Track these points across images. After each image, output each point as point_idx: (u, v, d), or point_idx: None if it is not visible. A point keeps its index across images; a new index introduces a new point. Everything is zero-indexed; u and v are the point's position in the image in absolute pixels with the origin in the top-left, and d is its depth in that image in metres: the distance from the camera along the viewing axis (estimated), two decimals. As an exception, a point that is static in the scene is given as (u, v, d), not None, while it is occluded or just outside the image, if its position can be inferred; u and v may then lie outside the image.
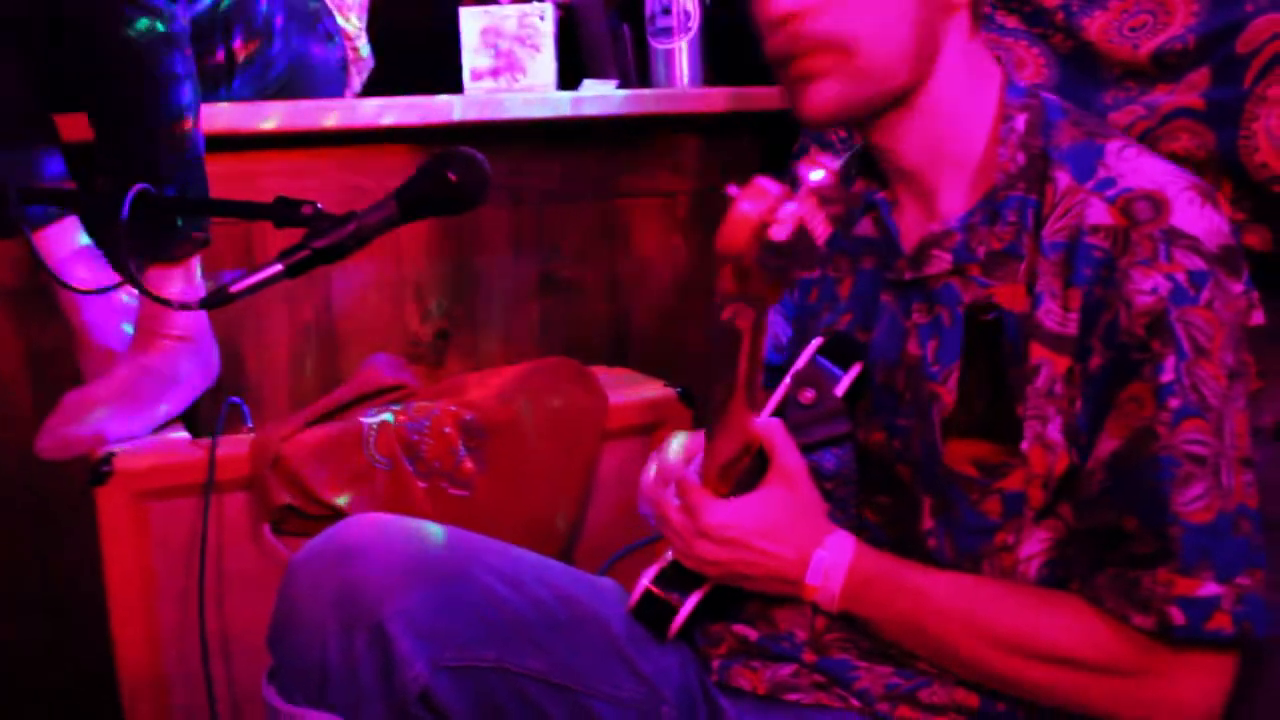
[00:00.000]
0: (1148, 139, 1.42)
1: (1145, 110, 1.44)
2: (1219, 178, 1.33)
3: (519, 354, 2.32)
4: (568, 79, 2.38)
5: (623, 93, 2.30)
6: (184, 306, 1.30)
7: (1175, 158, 1.37)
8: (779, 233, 1.02)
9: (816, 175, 1.03)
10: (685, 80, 2.39)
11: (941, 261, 1.25)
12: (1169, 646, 1.14)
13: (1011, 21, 1.65)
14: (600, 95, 2.26)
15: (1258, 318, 1.21)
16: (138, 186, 1.32)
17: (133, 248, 1.65)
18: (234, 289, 1.28)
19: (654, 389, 2.08)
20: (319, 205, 1.34)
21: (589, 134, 2.33)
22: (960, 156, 1.26)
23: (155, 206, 1.30)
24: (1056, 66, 1.61)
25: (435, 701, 1.21)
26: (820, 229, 1.03)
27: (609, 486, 2.02)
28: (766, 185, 1.04)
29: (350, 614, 1.22)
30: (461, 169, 1.31)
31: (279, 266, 1.29)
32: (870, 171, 1.35)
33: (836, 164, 1.08)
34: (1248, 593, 1.12)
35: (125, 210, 1.31)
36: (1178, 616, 1.12)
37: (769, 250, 1.03)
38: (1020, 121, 1.24)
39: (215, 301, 1.28)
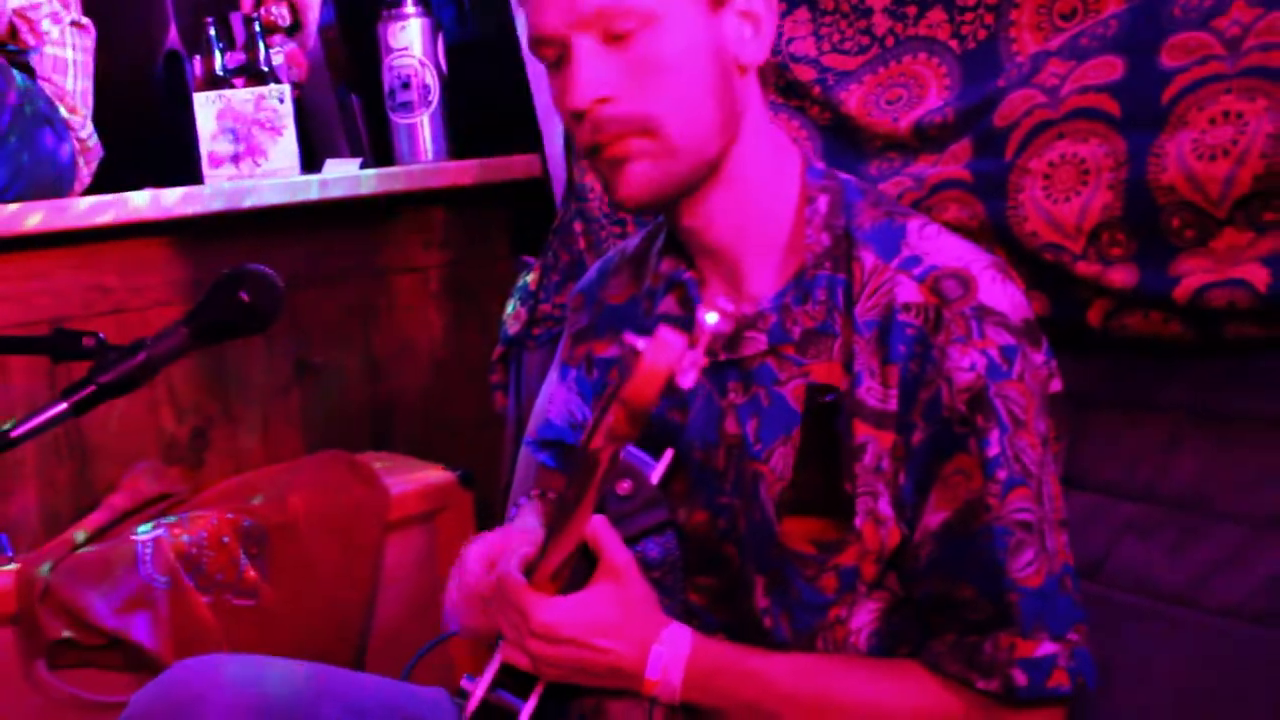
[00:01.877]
0: (918, 210, 1.48)
1: (912, 182, 1.50)
2: (992, 246, 1.40)
3: (279, 446, 2.24)
4: (307, 159, 2.33)
5: (370, 172, 2.26)
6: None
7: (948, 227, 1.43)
8: (685, 381, 1.05)
9: (712, 319, 1.06)
10: (430, 154, 2.37)
11: (757, 343, 1.27)
12: (1012, 707, 1.18)
13: (769, 96, 1.69)
14: (348, 176, 2.21)
15: (1056, 385, 1.28)
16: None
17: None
18: (14, 434, 1.20)
19: (432, 474, 2.06)
20: (101, 336, 1.26)
21: (335, 214, 2.28)
22: (767, 236, 1.29)
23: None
24: (818, 138, 1.66)
25: None
26: None
27: (396, 578, 1.99)
28: (670, 338, 1.06)
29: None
30: (253, 288, 1.26)
31: (63, 405, 1.21)
32: (676, 250, 1.36)
33: (730, 306, 1.09)
34: (1078, 647, 1.18)
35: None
36: (1020, 678, 1.17)
37: (669, 395, 1.04)
38: (823, 203, 1.28)
39: (-2, 448, 1.19)
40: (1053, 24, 1.47)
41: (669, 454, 1.33)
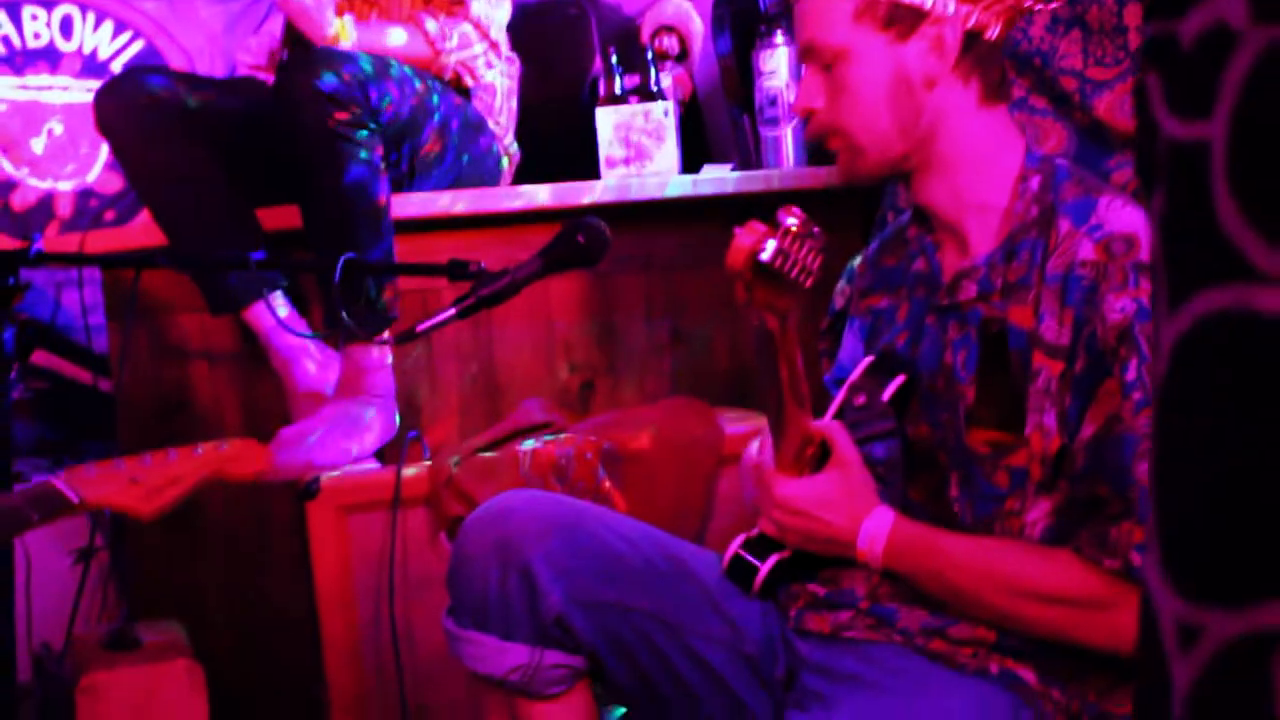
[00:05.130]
0: (1138, 194, 1.76)
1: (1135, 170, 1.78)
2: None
3: (652, 399, 2.70)
4: (692, 163, 2.79)
5: (735, 174, 2.70)
6: (381, 342, 1.71)
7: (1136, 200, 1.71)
8: (763, 256, 1.41)
9: (791, 220, 1.42)
10: (791, 161, 2.78)
11: (969, 290, 1.61)
12: (1133, 584, 1.45)
13: (1041, 103, 2.01)
14: (715, 177, 2.66)
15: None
16: (347, 255, 1.75)
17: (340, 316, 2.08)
18: (420, 328, 1.70)
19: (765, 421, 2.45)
20: (482, 264, 1.75)
21: (709, 209, 2.72)
22: (984, 206, 1.62)
23: (360, 270, 1.72)
24: (1075, 138, 1.96)
25: (568, 626, 1.60)
26: (806, 257, 1.41)
27: (728, 503, 2.39)
28: (756, 225, 1.43)
29: (505, 558, 1.61)
30: (587, 234, 1.72)
31: (452, 311, 1.70)
32: (923, 222, 1.71)
33: (801, 214, 1.45)
34: None
35: (338, 274, 1.74)
36: (1137, 559, 1.44)
37: (759, 269, 1.42)
38: (1035, 182, 1.59)
39: (405, 338, 1.69)
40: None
41: (900, 378, 1.68)
